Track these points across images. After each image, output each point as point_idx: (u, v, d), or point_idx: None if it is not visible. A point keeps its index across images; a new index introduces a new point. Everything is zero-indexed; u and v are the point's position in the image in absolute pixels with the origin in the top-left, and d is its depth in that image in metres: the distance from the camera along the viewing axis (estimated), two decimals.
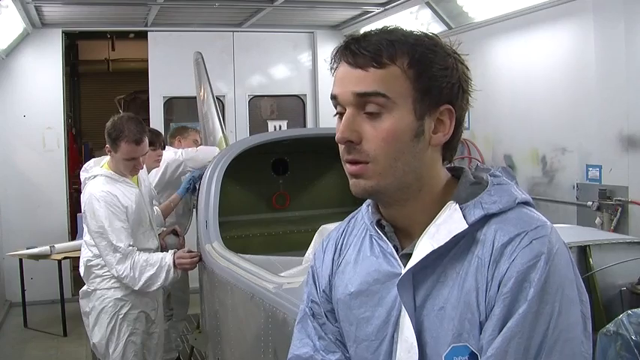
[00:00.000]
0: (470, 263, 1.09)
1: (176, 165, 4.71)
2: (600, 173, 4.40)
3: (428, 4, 5.75)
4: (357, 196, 1.17)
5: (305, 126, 7.57)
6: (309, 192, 4.72)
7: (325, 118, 7.43)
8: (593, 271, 2.30)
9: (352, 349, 1.24)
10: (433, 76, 1.11)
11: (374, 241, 1.23)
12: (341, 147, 1.15)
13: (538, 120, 5.03)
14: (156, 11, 6.37)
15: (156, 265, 3.36)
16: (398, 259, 1.17)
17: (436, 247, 1.10)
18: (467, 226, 1.09)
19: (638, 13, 4.05)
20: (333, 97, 1.16)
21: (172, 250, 3.49)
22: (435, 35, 1.16)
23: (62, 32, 6.86)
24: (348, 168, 1.16)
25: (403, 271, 1.14)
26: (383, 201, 1.20)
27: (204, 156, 4.66)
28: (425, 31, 1.17)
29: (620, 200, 4.22)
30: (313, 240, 3.13)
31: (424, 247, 1.11)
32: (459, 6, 5.66)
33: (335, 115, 1.18)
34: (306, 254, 3.11)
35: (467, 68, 1.17)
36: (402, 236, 1.20)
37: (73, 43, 9.96)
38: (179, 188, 4.48)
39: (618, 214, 4.20)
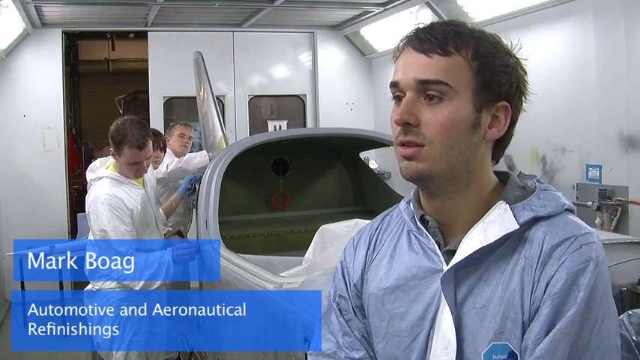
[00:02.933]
0: (516, 263, 1.10)
1: (160, 182, 4.55)
2: (600, 173, 4.40)
3: (428, 4, 5.74)
4: (407, 179, 1.17)
5: (305, 126, 7.57)
6: (309, 192, 4.73)
7: (325, 118, 7.43)
8: None
9: (381, 345, 1.23)
10: (495, 70, 1.14)
11: (412, 236, 1.22)
12: (396, 130, 1.16)
13: (538, 120, 5.02)
14: (156, 11, 6.36)
15: (155, 263, 3.37)
16: (440, 255, 1.17)
17: (485, 244, 1.11)
18: (518, 226, 1.11)
19: (638, 13, 4.05)
20: (394, 84, 1.16)
21: (170, 248, 3.50)
22: (497, 35, 1.19)
23: (62, 32, 6.85)
24: (401, 151, 1.15)
25: (446, 267, 1.14)
26: (430, 190, 1.19)
27: (188, 164, 4.60)
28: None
29: (620, 200, 4.22)
30: (313, 240, 3.14)
31: (472, 243, 1.12)
32: (458, 6, 5.66)
33: (392, 99, 1.18)
34: (306, 254, 3.12)
35: (525, 72, 1.21)
36: (444, 233, 1.20)
37: (73, 43, 9.96)
38: (179, 188, 4.47)
39: (618, 214, 4.20)
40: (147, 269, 3.35)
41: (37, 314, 6.64)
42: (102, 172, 3.47)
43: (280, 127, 7.53)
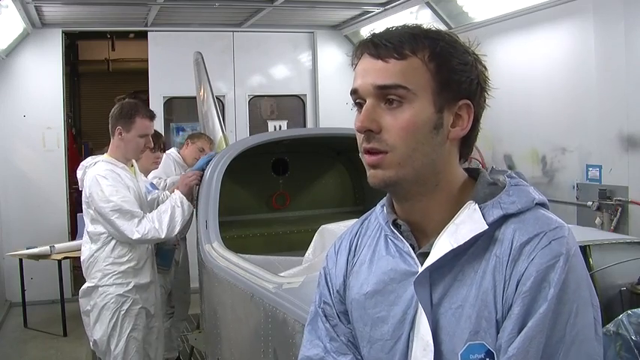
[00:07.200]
0: (488, 262, 1.10)
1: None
2: (600, 173, 4.40)
3: (428, 4, 5.75)
4: (375, 187, 1.17)
5: (305, 126, 7.57)
6: (309, 192, 4.73)
7: (325, 118, 7.43)
8: (593, 271, 2.30)
9: (366, 350, 1.24)
10: (453, 69, 1.13)
11: (389, 240, 1.23)
12: (359, 137, 1.16)
13: (538, 120, 5.03)
14: (156, 11, 6.36)
15: (169, 208, 3.52)
16: (415, 257, 1.17)
17: (455, 246, 1.10)
18: (487, 226, 1.10)
19: (638, 13, 4.05)
20: (354, 91, 1.17)
21: (175, 189, 3.69)
22: (455, 34, 1.19)
23: (62, 32, 6.86)
24: (366, 158, 1.16)
25: (420, 269, 1.14)
26: (399, 194, 1.20)
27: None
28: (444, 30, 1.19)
29: (620, 200, 4.22)
30: (313, 240, 3.13)
31: (443, 245, 1.12)
32: (459, 6, 5.66)
33: (353, 108, 1.19)
34: (306, 254, 3.11)
35: (485, 68, 1.19)
36: (418, 235, 1.20)
37: (73, 43, 9.96)
38: (194, 166, 4.34)
39: (618, 214, 4.19)
40: (164, 216, 3.47)
41: (37, 314, 6.66)
42: (97, 158, 3.55)
43: (280, 127, 7.52)
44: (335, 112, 7.18)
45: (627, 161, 4.19)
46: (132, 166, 3.63)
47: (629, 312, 1.94)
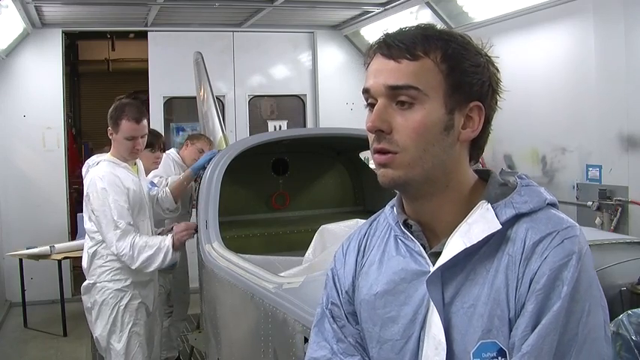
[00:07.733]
0: (500, 261, 1.10)
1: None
2: (600, 173, 4.40)
3: (428, 4, 5.74)
4: (385, 186, 1.17)
5: (305, 126, 7.57)
6: (308, 192, 4.73)
7: (325, 118, 7.43)
8: None
9: (375, 350, 1.24)
10: (465, 71, 1.14)
11: (399, 240, 1.23)
12: (370, 137, 1.17)
13: (538, 120, 5.03)
14: (156, 11, 6.37)
15: (154, 246, 3.42)
16: (427, 257, 1.17)
17: (469, 245, 1.10)
18: (500, 226, 1.10)
19: (638, 13, 4.05)
20: (366, 91, 1.17)
21: (171, 234, 3.55)
22: (467, 35, 1.19)
23: (62, 32, 6.86)
24: (376, 158, 1.16)
25: (432, 269, 1.14)
26: (409, 193, 1.20)
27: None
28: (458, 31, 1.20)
29: (620, 200, 4.22)
30: (313, 240, 3.13)
31: (456, 245, 1.12)
32: (459, 6, 5.66)
33: (366, 107, 1.19)
34: (306, 254, 3.11)
35: (497, 70, 1.20)
36: (428, 235, 1.20)
37: (73, 43, 9.96)
38: (194, 164, 4.28)
39: (618, 214, 4.20)
40: (145, 250, 3.38)
41: (37, 314, 6.66)
42: (101, 157, 3.54)
43: (280, 127, 7.52)
44: (335, 112, 7.19)
45: (627, 161, 4.20)
46: (135, 164, 3.62)
47: (629, 312, 1.94)
